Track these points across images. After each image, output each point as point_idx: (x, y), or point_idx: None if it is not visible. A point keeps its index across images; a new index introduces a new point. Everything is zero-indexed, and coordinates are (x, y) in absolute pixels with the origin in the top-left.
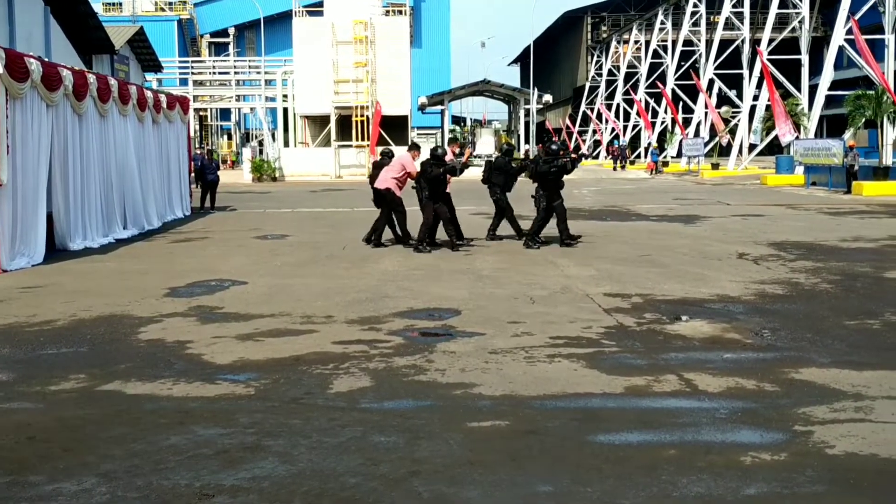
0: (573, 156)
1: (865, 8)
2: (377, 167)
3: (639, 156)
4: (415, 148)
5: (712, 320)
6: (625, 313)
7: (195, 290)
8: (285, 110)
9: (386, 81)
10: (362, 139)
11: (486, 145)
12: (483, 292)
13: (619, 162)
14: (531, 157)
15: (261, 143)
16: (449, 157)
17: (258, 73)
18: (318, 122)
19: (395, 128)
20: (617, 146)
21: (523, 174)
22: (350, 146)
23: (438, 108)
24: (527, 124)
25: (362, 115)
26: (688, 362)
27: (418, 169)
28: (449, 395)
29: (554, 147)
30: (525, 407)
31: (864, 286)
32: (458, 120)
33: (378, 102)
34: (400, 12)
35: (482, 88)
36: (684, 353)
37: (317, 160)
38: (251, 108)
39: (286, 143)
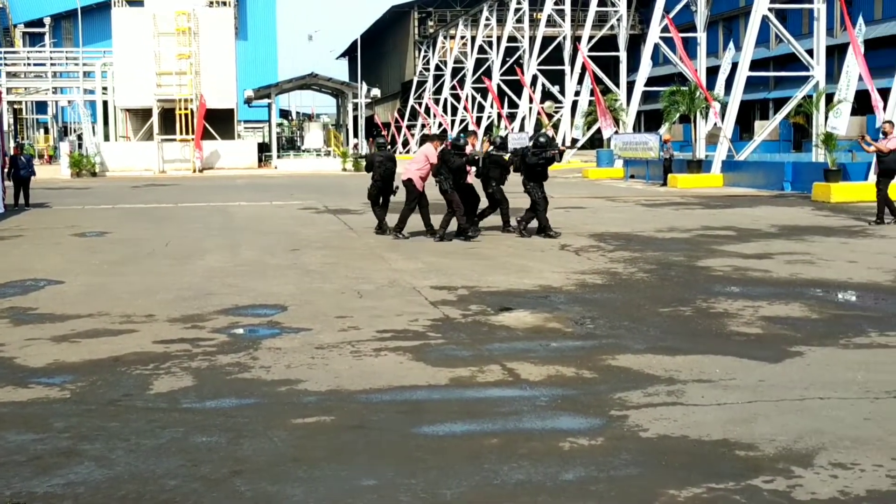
0: (561, 148)
1: (679, 7)
2: (389, 160)
3: None
4: (438, 139)
5: (535, 310)
6: (451, 305)
7: (7, 291)
8: (105, 103)
9: (210, 74)
10: (186, 133)
11: (314, 139)
12: (310, 287)
13: None
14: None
15: (80, 138)
16: (468, 148)
17: (76, 64)
18: (140, 115)
19: (220, 121)
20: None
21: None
22: (174, 140)
23: (265, 101)
24: (355, 118)
25: (186, 109)
26: (511, 352)
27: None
28: (273, 392)
29: (542, 140)
30: (351, 401)
31: (678, 275)
32: (285, 114)
33: (202, 95)
34: (224, 3)
35: (310, 82)
36: (508, 343)
37: (139, 155)
38: (69, 101)
39: (106, 138)
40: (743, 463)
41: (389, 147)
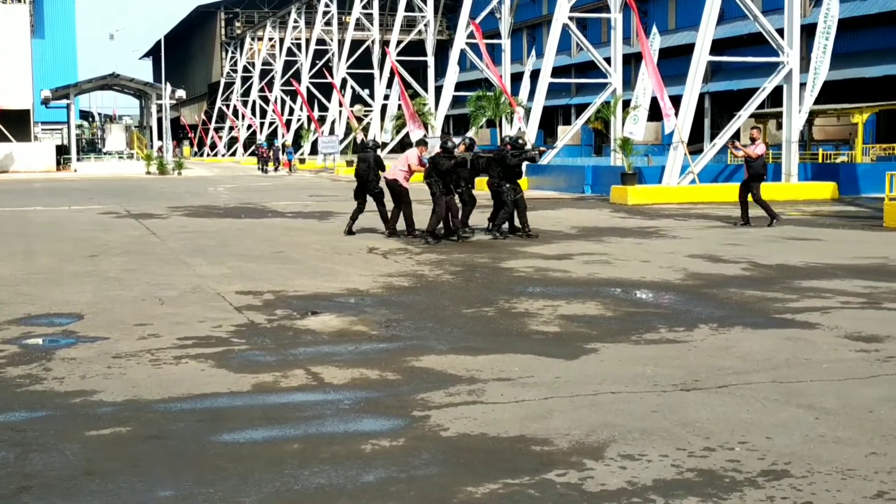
0: (541, 149)
1: (484, 13)
2: (361, 161)
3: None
4: (423, 144)
5: (341, 314)
6: (256, 310)
7: None
8: None
9: (4, 74)
10: None
11: (116, 141)
12: (109, 295)
13: (267, 164)
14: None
15: None
16: (457, 151)
17: None
18: None
19: (15, 122)
20: (266, 146)
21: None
22: None
23: (64, 101)
24: (159, 120)
25: None
26: (316, 356)
27: (417, 163)
28: (67, 403)
29: (521, 142)
30: (149, 411)
31: (482, 276)
32: (86, 115)
33: None
34: (19, 0)
35: (111, 82)
36: (313, 347)
37: None
38: None
39: None
40: (538, 458)
41: (371, 147)
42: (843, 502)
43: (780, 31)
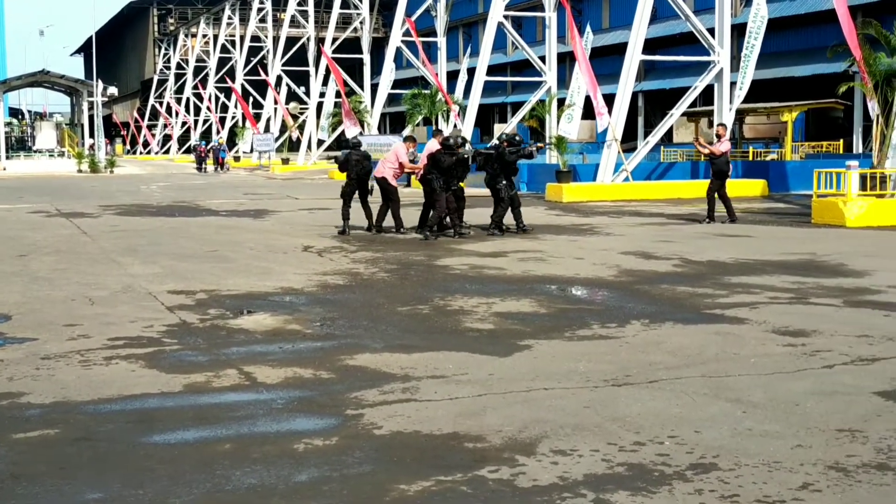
0: (539, 145)
1: (420, 11)
2: (365, 160)
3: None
4: (410, 140)
5: (275, 313)
6: (188, 310)
7: None
8: None
9: None
10: None
11: (46, 139)
12: (38, 295)
13: (205, 163)
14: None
15: None
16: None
17: None
18: None
19: None
20: (206, 146)
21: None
22: None
23: None
24: (91, 117)
25: None
26: (249, 356)
27: (407, 160)
28: None
29: (518, 139)
30: (78, 413)
31: (418, 274)
32: (15, 112)
33: None
34: None
35: (41, 79)
36: (246, 346)
37: None
38: None
39: None
40: (471, 454)
41: (354, 145)
42: (769, 494)
43: (712, 31)
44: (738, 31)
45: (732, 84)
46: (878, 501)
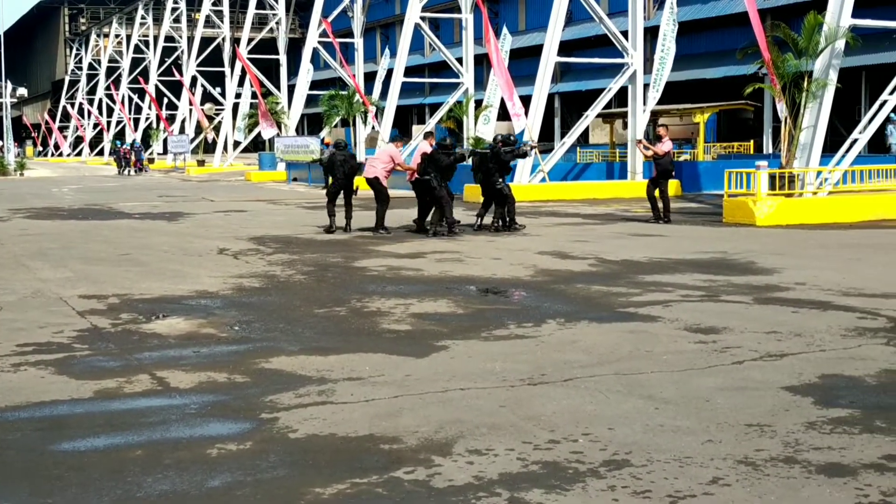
0: (532, 144)
1: (336, 12)
2: (331, 160)
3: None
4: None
5: (189, 316)
6: (100, 315)
7: None
8: None
9: None
10: None
11: None
12: None
13: (128, 165)
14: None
15: None
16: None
17: None
18: None
19: None
20: (128, 147)
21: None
22: None
23: None
24: (0, 119)
25: None
26: (162, 360)
27: (403, 160)
28: None
29: (512, 138)
30: None
31: (335, 276)
32: None
33: None
34: None
35: None
36: (159, 351)
37: None
38: None
39: None
40: (387, 456)
41: (343, 147)
42: (680, 489)
43: (625, 34)
44: (651, 33)
45: (646, 86)
46: (785, 494)
